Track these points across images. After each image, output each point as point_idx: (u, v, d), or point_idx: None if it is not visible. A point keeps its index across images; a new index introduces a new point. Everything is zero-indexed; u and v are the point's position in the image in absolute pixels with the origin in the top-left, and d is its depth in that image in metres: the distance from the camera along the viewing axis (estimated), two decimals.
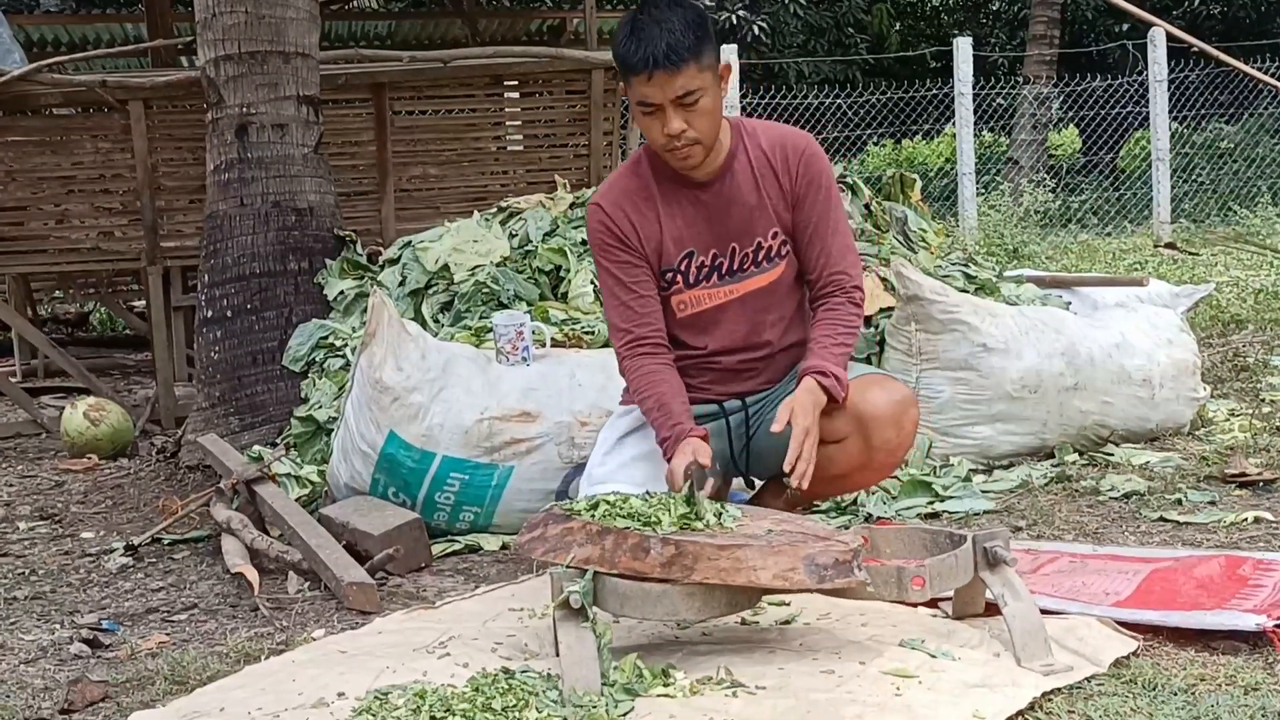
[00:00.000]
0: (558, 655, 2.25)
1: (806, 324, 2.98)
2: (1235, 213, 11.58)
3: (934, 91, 12.43)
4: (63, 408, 5.27)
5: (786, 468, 2.69)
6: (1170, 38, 10.89)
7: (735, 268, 2.92)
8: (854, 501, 3.53)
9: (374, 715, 2.14)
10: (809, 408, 2.74)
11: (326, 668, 2.41)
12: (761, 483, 3.14)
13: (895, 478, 3.66)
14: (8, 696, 2.48)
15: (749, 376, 2.99)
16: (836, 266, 2.91)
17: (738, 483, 3.18)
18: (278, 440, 4.22)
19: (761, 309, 2.94)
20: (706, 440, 2.78)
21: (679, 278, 2.93)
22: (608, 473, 2.93)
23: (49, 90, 5.57)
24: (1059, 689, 2.18)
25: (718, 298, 2.94)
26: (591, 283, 4.30)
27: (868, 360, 3.98)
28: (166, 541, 3.65)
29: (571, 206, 4.75)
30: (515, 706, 2.12)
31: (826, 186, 2.92)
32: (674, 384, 2.86)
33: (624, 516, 2.37)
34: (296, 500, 3.63)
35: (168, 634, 2.86)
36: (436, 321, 4.31)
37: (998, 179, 13.32)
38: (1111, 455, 3.92)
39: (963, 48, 11.51)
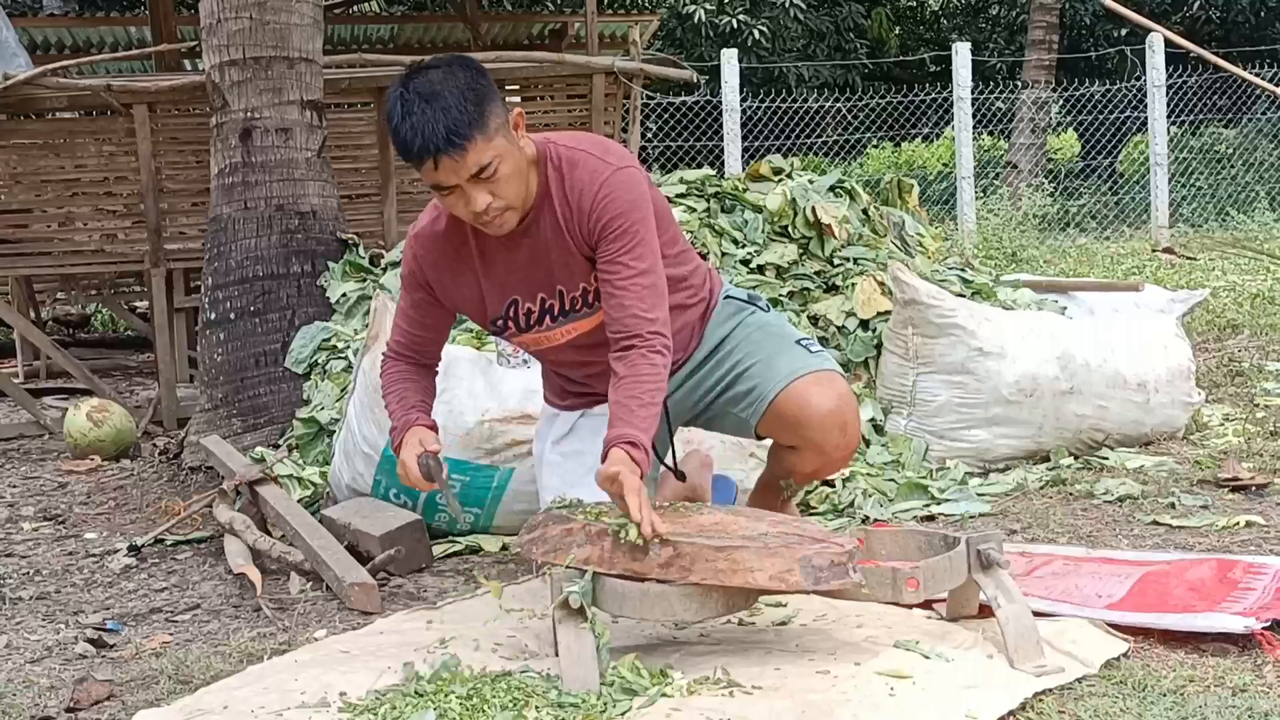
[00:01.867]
0: (557, 655, 2.28)
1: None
2: (1233, 218, 11.62)
3: (933, 96, 12.47)
4: (65, 409, 5.30)
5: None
6: (1168, 43, 10.93)
7: (566, 308, 2.75)
8: (850, 504, 3.56)
9: (375, 714, 2.17)
10: (626, 475, 2.40)
11: (329, 667, 2.44)
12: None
13: (892, 481, 3.70)
14: (14, 695, 2.51)
15: None
16: (630, 314, 2.60)
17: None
18: (280, 442, 4.25)
19: (602, 344, 2.70)
20: (434, 429, 2.74)
21: (510, 324, 2.79)
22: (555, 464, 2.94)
23: (54, 94, 5.60)
24: (1050, 690, 2.21)
25: (555, 339, 2.80)
26: None
27: (847, 366, 4.01)
28: (169, 542, 3.68)
29: None
30: (515, 706, 2.15)
31: (621, 228, 2.62)
32: (416, 384, 2.82)
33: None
34: (298, 501, 3.66)
35: (171, 634, 2.89)
36: None
37: (996, 183, 13.36)
38: (1106, 459, 3.95)
39: (962, 52, 11.56)
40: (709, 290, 2.93)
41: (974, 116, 11.78)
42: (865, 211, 4.87)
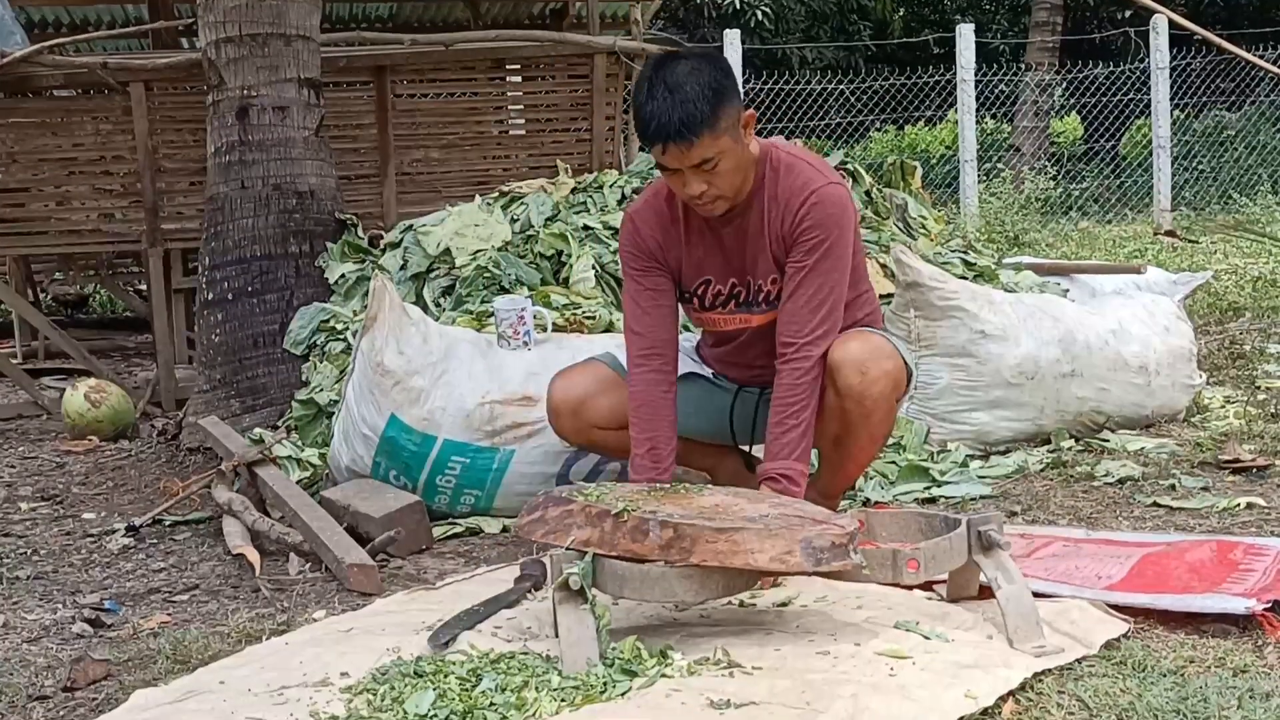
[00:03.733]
0: (557, 636, 2.27)
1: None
2: (1235, 201, 11.60)
3: (936, 78, 12.43)
4: (64, 389, 5.29)
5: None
6: (1172, 25, 10.88)
7: (750, 299, 2.95)
8: (852, 486, 3.55)
9: (375, 694, 2.17)
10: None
11: (328, 647, 2.44)
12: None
13: (893, 463, 3.69)
14: (11, 674, 2.50)
15: (758, 383, 3.10)
16: (793, 321, 2.81)
17: None
18: (279, 423, 4.24)
19: (760, 342, 2.98)
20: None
21: (695, 300, 3.00)
22: None
23: (50, 72, 5.57)
24: (1050, 670, 2.21)
25: (732, 324, 3.01)
26: (592, 267, 4.32)
27: None
28: (168, 523, 3.67)
29: (573, 191, 4.77)
30: (515, 687, 2.15)
31: (816, 239, 2.79)
32: (669, 421, 2.90)
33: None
34: (297, 483, 3.65)
35: (169, 614, 2.88)
36: (438, 306, 4.33)
37: (999, 166, 13.33)
38: (1107, 441, 3.94)
39: (965, 34, 11.52)
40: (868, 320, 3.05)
41: (977, 99, 11.74)
42: (868, 193, 4.85)
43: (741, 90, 2.82)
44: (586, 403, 3.10)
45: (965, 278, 4.40)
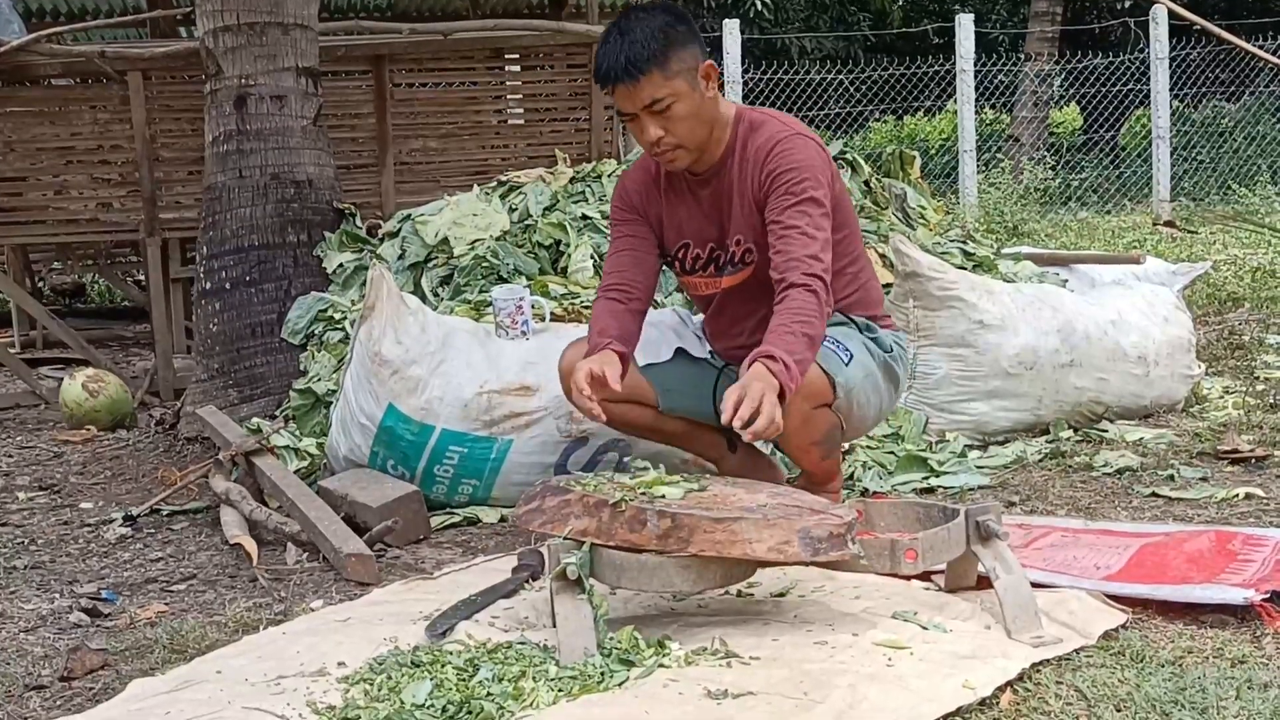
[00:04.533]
0: (554, 626, 2.27)
1: None
2: (1234, 191, 11.59)
3: (936, 68, 12.41)
4: (61, 379, 5.29)
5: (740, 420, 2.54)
6: (1172, 15, 10.88)
7: (726, 262, 3.01)
8: (849, 476, 3.55)
9: (372, 684, 2.17)
10: (757, 388, 2.56)
11: (325, 637, 2.43)
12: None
13: (892, 454, 3.69)
14: (8, 664, 2.50)
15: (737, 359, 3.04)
16: (789, 259, 2.77)
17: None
18: (276, 412, 4.24)
19: (744, 303, 3.02)
20: (625, 361, 2.89)
21: (676, 263, 3.08)
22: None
23: (48, 61, 5.56)
24: (1048, 660, 2.21)
25: (710, 287, 3.07)
26: (590, 257, 4.32)
27: None
28: (165, 512, 3.67)
29: (571, 181, 4.76)
30: (512, 677, 2.14)
31: (790, 182, 2.80)
32: (620, 321, 2.96)
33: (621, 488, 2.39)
34: (295, 472, 3.65)
35: (166, 604, 2.88)
36: (436, 295, 4.32)
37: (999, 156, 13.32)
38: (1106, 432, 3.94)
39: (965, 24, 11.50)
40: (856, 299, 3.04)
41: (976, 89, 11.72)
42: (867, 183, 4.85)
43: (741, 79, 2.88)
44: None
45: (964, 268, 4.39)
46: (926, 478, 3.56)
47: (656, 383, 3.10)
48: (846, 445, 3.66)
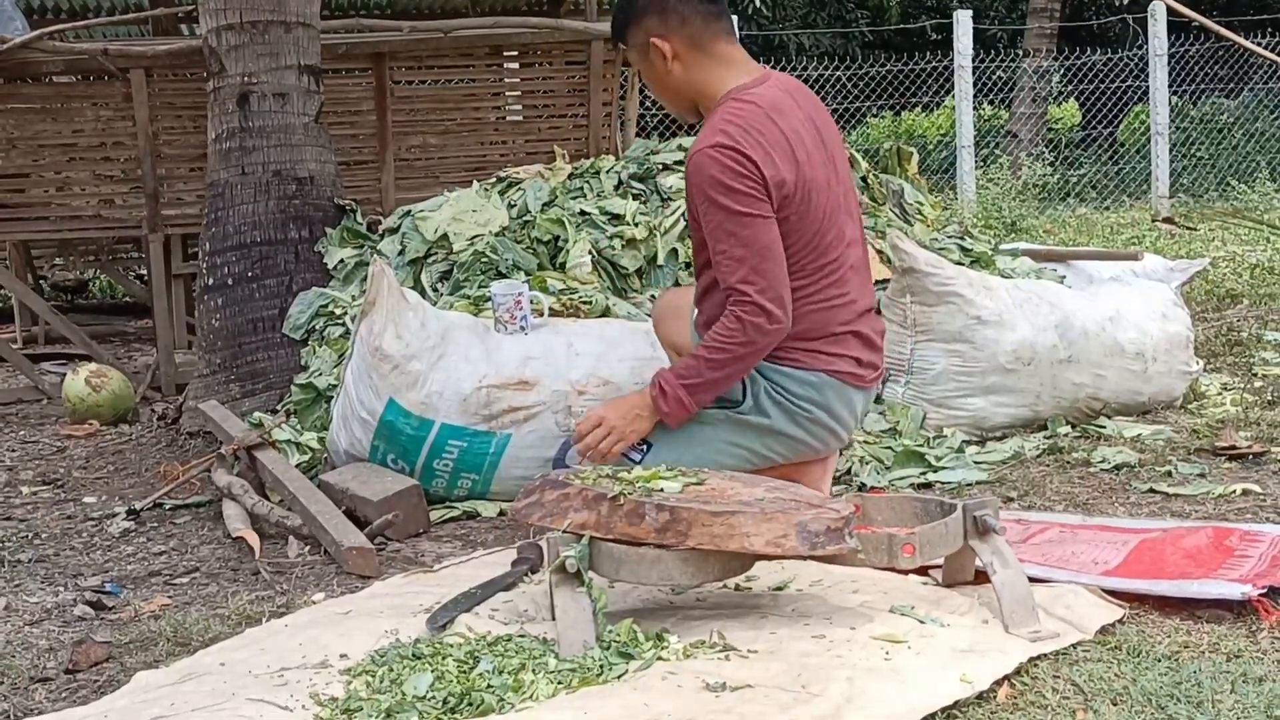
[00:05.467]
0: (553, 619, 2.28)
1: None
2: (1233, 188, 11.59)
3: (934, 64, 12.42)
4: (64, 374, 5.29)
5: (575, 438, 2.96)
6: (1171, 11, 10.88)
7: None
8: (847, 471, 3.57)
9: (373, 676, 2.18)
10: (620, 406, 2.92)
11: (327, 629, 2.45)
12: None
13: (889, 449, 3.70)
14: (13, 656, 2.52)
15: None
16: (722, 289, 2.79)
17: None
18: (278, 407, 4.25)
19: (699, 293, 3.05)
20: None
21: None
22: None
23: (50, 58, 5.56)
24: (1045, 655, 2.22)
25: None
26: (589, 253, 4.33)
27: None
28: (168, 506, 3.69)
29: (570, 177, 4.77)
30: (512, 669, 2.16)
31: (703, 196, 2.78)
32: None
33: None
34: (296, 466, 3.66)
35: (170, 597, 2.90)
36: (435, 290, 4.34)
37: (997, 152, 13.32)
38: (1103, 427, 3.95)
39: (963, 20, 11.51)
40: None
41: (975, 85, 11.73)
42: (864, 179, 4.86)
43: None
44: (664, 321, 3.29)
45: (962, 264, 4.41)
46: (924, 473, 3.57)
47: None
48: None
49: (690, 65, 2.90)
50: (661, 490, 2.41)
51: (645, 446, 2.90)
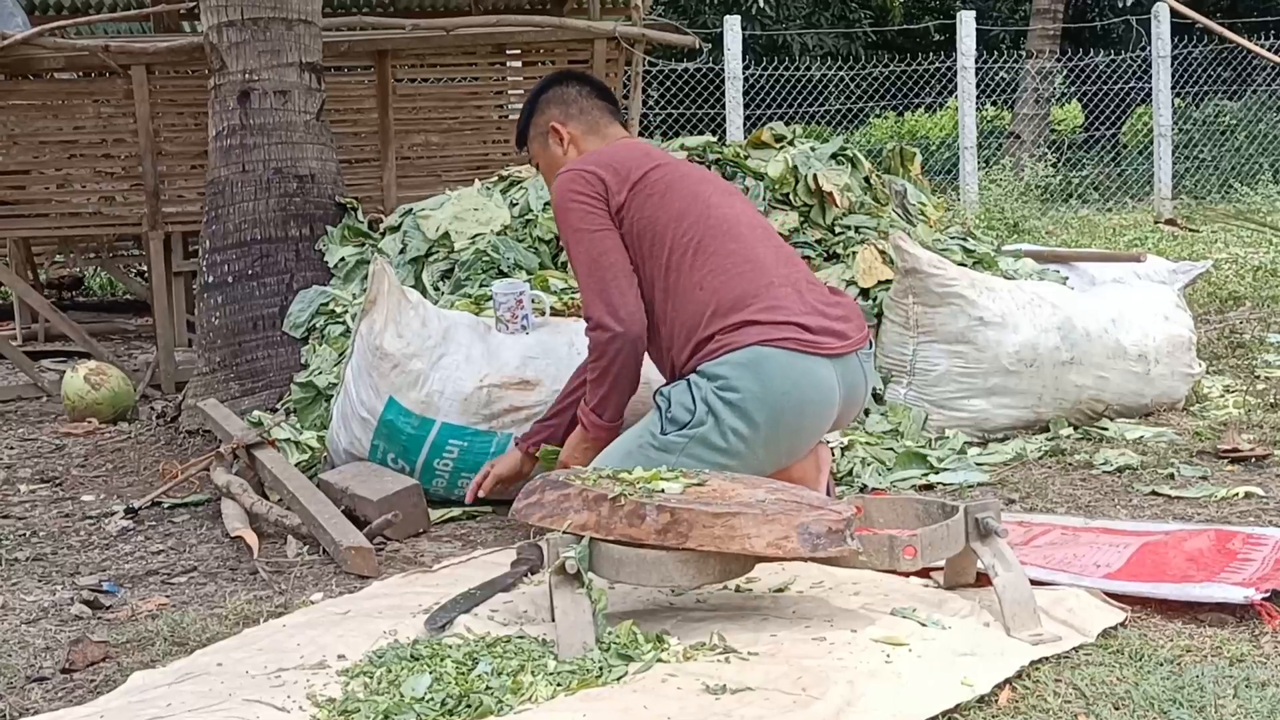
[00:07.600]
0: (553, 620, 2.27)
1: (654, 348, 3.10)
2: (1236, 190, 11.59)
3: (937, 65, 12.41)
4: (63, 372, 5.29)
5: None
6: (1174, 13, 10.87)
7: None
8: (849, 472, 3.56)
9: (371, 677, 2.17)
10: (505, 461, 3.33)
11: (325, 629, 2.44)
12: None
13: (891, 450, 3.69)
14: (10, 655, 2.51)
15: None
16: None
17: None
18: (278, 406, 4.24)
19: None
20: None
21: None
22: None
23: (51, 54, 5.56)
24: (1047, 658, 2.21)
25: None
26: None
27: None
28: (166, 505, 3.68)
29: None
30: (511, 671, 2.15)
31: (562, 229, 3.10)
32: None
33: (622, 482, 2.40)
34: (296, 465, 3.65)
35: (167, 596, 2.89)
36: (437, 289, 4.33)
37: (999, 153, 13.31)
38: (1106, 430, 3.94)
39: (966, 21, 11.51)
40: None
41: (977, 86, 11.72)
42: (867, 180, 4.84)
43: (742, 75, 3.02)
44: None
45: (964, 265, 4.39)
46: (926, 474, 3.56)
47: None
48: (845, 441, 3.67)
49: (584, 149, 3.23)
50: (662, 491, 2.40)
51: None
